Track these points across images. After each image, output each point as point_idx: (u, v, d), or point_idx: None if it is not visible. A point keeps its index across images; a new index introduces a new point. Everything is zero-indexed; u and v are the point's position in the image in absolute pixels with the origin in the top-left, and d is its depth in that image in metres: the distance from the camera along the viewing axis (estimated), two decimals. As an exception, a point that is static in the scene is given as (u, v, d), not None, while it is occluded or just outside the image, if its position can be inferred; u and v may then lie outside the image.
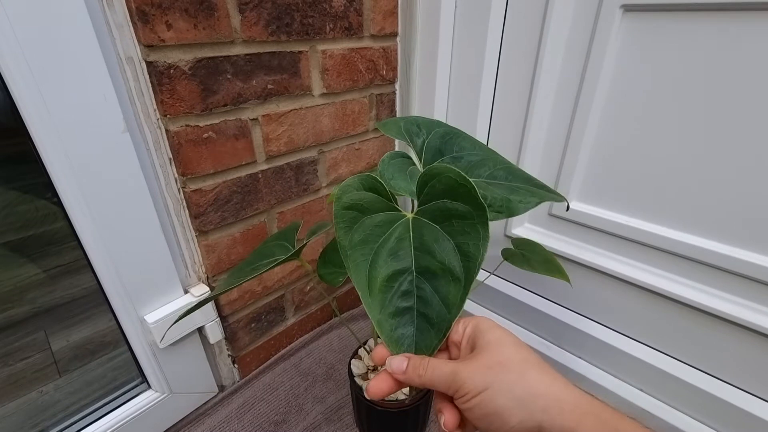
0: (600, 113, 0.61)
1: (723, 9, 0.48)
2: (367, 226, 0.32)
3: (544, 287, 0.78)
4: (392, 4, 0.71)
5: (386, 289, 0.31)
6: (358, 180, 0.33)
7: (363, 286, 0.31)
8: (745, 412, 0.57)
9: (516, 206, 0.36)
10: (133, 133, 0.50)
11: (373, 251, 0.32)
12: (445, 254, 0.30)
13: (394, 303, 0.31)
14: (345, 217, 0.32)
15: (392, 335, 0.30)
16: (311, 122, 0.67)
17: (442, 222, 0.31)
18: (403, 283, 0.31)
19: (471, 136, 0.45)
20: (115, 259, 0.53)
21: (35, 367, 0.78)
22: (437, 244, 0.31)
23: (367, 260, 0.32)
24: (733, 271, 0.56)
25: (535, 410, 0.26)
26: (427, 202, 0.32)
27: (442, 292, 0.30)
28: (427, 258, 0.31)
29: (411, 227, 0.32)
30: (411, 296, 0.31)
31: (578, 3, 0.58)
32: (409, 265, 0.31)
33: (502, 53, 0.69)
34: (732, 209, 0.54)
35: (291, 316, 0.80)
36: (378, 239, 0.32)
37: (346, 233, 0.32)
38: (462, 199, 0.30)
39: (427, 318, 0.30)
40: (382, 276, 0.31)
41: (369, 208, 0.33)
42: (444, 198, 0.31)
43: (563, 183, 0.68)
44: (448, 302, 0.30)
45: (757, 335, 0.56)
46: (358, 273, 0.31)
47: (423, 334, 0.30)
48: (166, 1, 0.46)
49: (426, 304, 0.31)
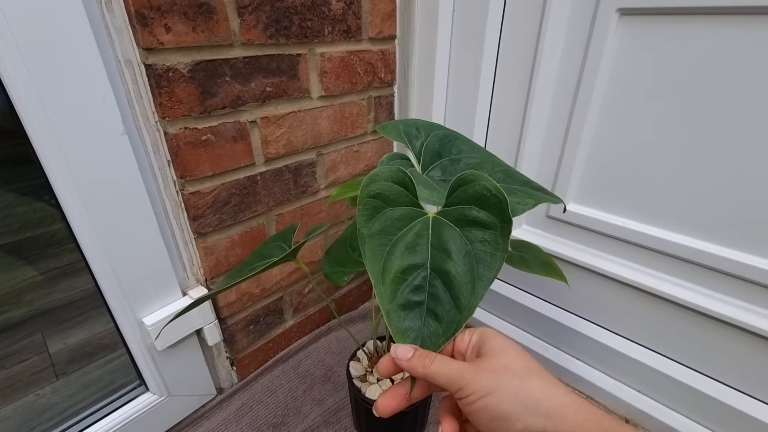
0: (597, 116, 0.62)
1: (718, 13, 0.48)
2: (388, 217, 0.33)
3: (542, 289, 0.79)
4: (390, 8, 0.71)
5: (399, 281, 0.31)
6: (388, 171, 0.34)
7: (377, 275, 0.31)
8: (740, 412, 0.58)
9: (514, 207, 0.36)
10: (131, 135, 0.50)
11: (391, 242, 0.32)
12: (462, 257, 0.31)
13: (405, 295, 0.31)
14: (369, 205, 0.33)
15: (399, 326, 0.31)
16: (310, 124, 0.67)
17: (463, 227, 0.32)
18: (416, 278, 0.31)
19: (469, 139, 0.45)
20: (114, 261, 0.53)
21: (32, 369, 0.77)
22: (455, 246, 0.31)
23: (384, 250, 0.32)
24: (729, 273, 0.56)
25: (540, 416, 0.26)
26: (453, 205, 0.33)
27: (454, 293, 0.30)
28: (443, 257, 0.31)
29: (431, 226, 0.33)
30: (423, 291, 0.31)
31: (575, 6, 0.58)
32: (424, 261, 0.32)
33: (499, 56, 0.69)
34: (727, 211, 0.55)
35: (289, 318, 0.80)
36: (397, 232, 0.33)
37: (367, 221, 0.33)
38: (490, 209, 0.31)
39: (436, 315, 0.31)
40: (396, 268, 0.31)
41: (394, 200, 0.33)
42: (472, 204, 0.32)
43: (560, 185, 0.68)
44: (460, 304, 0.30)
45: (751, 336, 0.56)
46: (374, 261, 0.32)
47: (430, 330, 0.31)
48: (165, 5, 0.47)
49: (437, 301, 0.31)
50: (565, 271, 0.72)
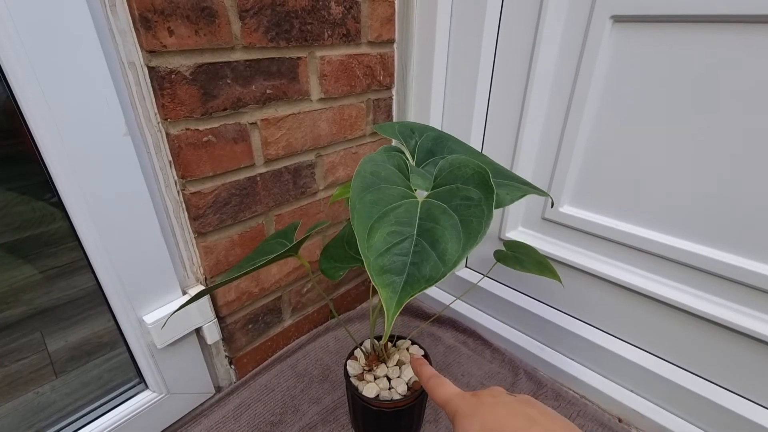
0: (591, 121, 0.63)
1: (709, 21, 0.50)
2: (382, 192, 0.34)
3: (537, 290, 0.80)
4: (389, 12, 0.73)
5: (385, 242, 0.32)
6: (386, 154, 0.35)
7: (362, 234, 0.32)
8: (731, 411, 0.59)
9: (503, 198, 0.38)
10: (134, 136, 0.51)
11: (381, 212, 0.33)
12: (449, 224, 0.32)
13: (392, 252, 0.32)
14: (365, 179, 0.34)
15: (380, 264, 0.31)
16: (309, 126, 0.68)
17: (450, 202, 0.33)
18: (403, 242, 0.32)
19: (460, 140, 0.47)
20: (115, 259, 0.53)
21: (31, 368, 0.78)
22: (443, 218, 0.33)
23: (372, 217, 0.33)
24: (719, 275, 0.57)
25: None
26: (441, 186, 0.35)
27: (439, 249, 0.31)
28: (431, 224, 0.33)
29: (420, 205, 0.35)
30: (408, 251, 0.32)
31: (570, 13, 0.60)
32: (412, 231, 0.33)
33: (496, 61, 0.70)
34: (717, 214, 0.56)
35: (288, 318, 0.81)
36: (388, 205, 0.34)
37: (360, 193, 0.34)
38: (475, 183, 0.33)
39: (419, 267, 0.31)
40: (384, 230, 0.32)
41: (388, 179, 0.35)
42: (457, 183, 0.34)
43: (555, 187, 0.70)
44: (445, 258, 0.31)
45: (740, 336, 0.57)
46: (362, 222, 0.32)
47: (412, 277, 0.31)
48: (168, 8, 0.48)
49: (422, 257, 0.32)
50: (560, 272, 0.74)
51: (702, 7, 0.49)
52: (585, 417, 0.68)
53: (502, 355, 0.79)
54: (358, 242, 0.31)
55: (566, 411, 0.69)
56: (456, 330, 0.86)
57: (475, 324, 0.87)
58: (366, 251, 0.31)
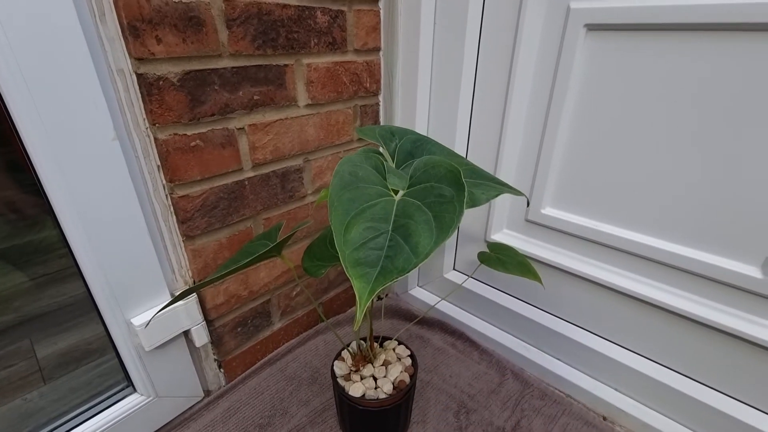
0: (569, 124, 0.65)
1: (677, 29, 0.52)
2: (359, 191, 0.36)
3: (522, 291, 0.81)
4: (375, 21, 0.75)
5: (361, 237, 0.34)
6: (364, 155, 0.37)
7: (339, 229, 0.34)
8: (715, 409, 0.60)
9: (479, 197, 0.40)
10: (122, 140, 0.53)
11: (358, 209, 0.35)
12: (422, 219, 0.34)
13: (367, 246, 0.33)
14: (344, 178, 0.36)
15: (355, 257, 0.33)
16: (297, 132, 0.70)
17: (425, 199, 0.35)
18: (378, 237, 0.34)
19: (439, 143, 0.49)
20: (103, 262, 0.54)
21: (19, 375, 0.77)
22: (417, 214, 0.35)
23: (349, 213, 0.35)
24: (698, 274, 0.59)
25: None
26: (416, 184, 0.36)
27: (412, 243, 0.33)
28: (405, 220, 0.34)
29: (396, 203, 0.36)
30: (383, 247, 0.34)
31: (546, 23, 0.62)
32: (387, 227, 0.34)
33: (478, 68, 0.73)
34: (695, 214, 0.58)
35: (277, 321, 0.82)
36: (365, 203, 0.35)
37: (338, 191, 0.35)
38: (448, 182, 0.35)
39: (393, 260, 0.33)
40: (360, 226, 0.34)
41: (366, 179, 0.37)
42: (431, 181, 0.36)
43: (537, 190, 0.71)
44: (418, 251, 0.33)
45: (722, 335, 0.59)
46: (339, 218, 0.34)
47: (386, 267, 0.33)
48: (156, 17, 0.49)
49: (396, 250, 0.33)
50: (543, 273, 0.75)
51: (666, 17, 0.51)
52: (570, 416, 0.69)
53: (489, 356, 0.80)
54: (335, 237, 0.33)
55: (552, 410, 0.70)
56: (444, 332, 0.87)
57: (464, 326, 0.88)
58: (342, 245, 0.32)
